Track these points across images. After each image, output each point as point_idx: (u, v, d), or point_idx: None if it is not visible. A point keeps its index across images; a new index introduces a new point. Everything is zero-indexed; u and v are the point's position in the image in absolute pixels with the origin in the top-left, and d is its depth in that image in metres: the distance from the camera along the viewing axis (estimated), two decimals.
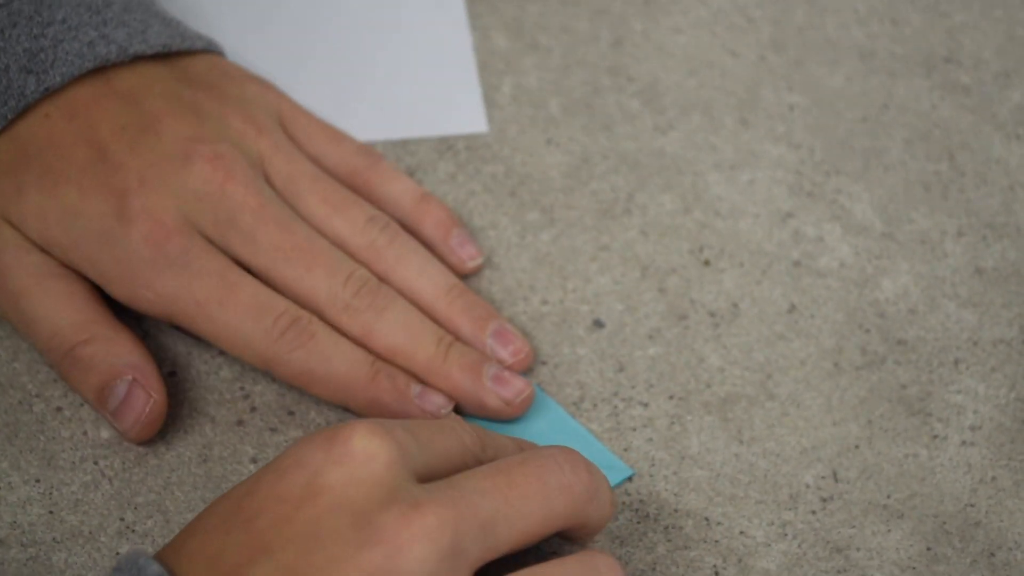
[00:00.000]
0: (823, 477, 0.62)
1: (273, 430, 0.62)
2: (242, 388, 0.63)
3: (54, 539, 0.59)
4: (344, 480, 0.51)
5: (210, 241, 0.62)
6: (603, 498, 0.55)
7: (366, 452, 0.51)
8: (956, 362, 0.65)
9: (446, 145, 0.71)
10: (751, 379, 0.65)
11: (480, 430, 0.56)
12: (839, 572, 0.59)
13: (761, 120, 0.73)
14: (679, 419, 0.63)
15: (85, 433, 0.62)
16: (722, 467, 0.62)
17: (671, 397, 0.64)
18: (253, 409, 0.63)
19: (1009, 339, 0.66)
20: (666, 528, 0.60)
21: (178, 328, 0.64)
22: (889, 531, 0.61)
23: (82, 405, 0.62)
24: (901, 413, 0.64)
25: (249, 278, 0.62)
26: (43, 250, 0.62)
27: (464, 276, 0.66)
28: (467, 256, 0.66)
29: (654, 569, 0.59)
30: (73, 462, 0.61)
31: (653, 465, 0.62)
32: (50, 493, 0.60)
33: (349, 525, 0.50)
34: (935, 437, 0.63)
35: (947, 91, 0.74)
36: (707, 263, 0.68)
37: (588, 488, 0.54)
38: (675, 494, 0.61)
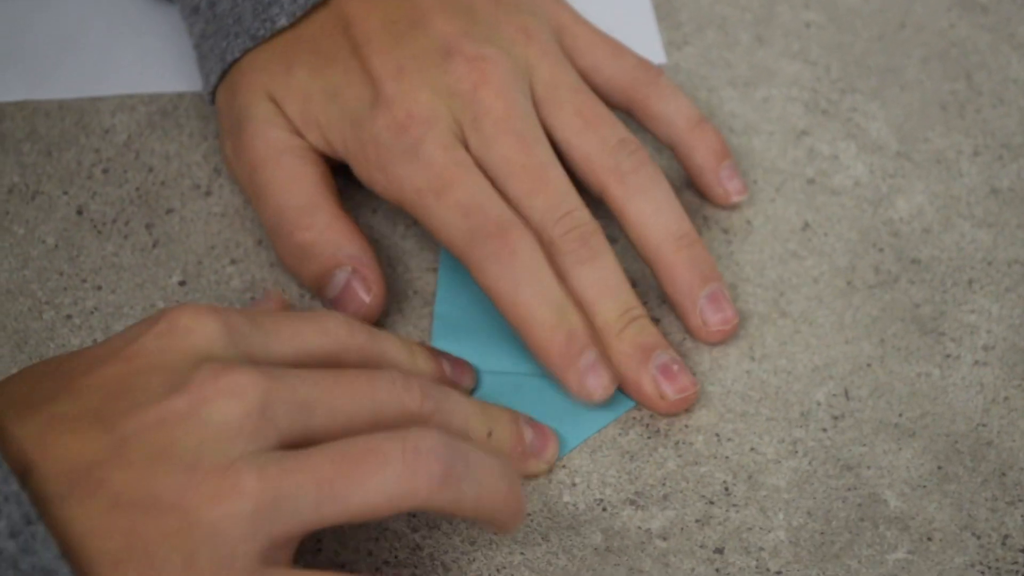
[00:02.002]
0: (834, 395, 0.62)
1: None
2: (253, 298, 0.63)
3: None
4: (160, 347, 0.51)
5: (458, 135, 0.61)
6: (456, 422, 0.55)
7: (187, 326, 0.51)
8: (970, 282, 0.65)
9: None
10: (764, 296, 0.64)
11: (366, 327, 0.56)
12: (849, 490, 0.59)
13: (777, 37, 0.72)
14: (691, 335, 0.63)
15: (94, 341, 0.62)
16: (733, 384, 0.62)
17: None
18: None
19: (1023, 260, 0.66)
20: (676, 444, 0.60)
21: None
22: (900, 450, 0.60)
23: (92, 313, 0.62)
24: (914, 332, 0.64)
25: (476, 176, 0.60)
26: (298, 132, 0.63)
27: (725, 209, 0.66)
28: (734, 190, 0.65)
29: (664, 484, 0.59)
30: None
31: None
32: None
33: (159, 380, 0.50)
34: (948, 356, 0.63)
35: (965, 10, 0.73)
36: None
37: (420, 406, 0.54)
38: (686, 410, 0.61)
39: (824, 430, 0.61)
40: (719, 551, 0.58)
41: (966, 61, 0.72)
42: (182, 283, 0.63)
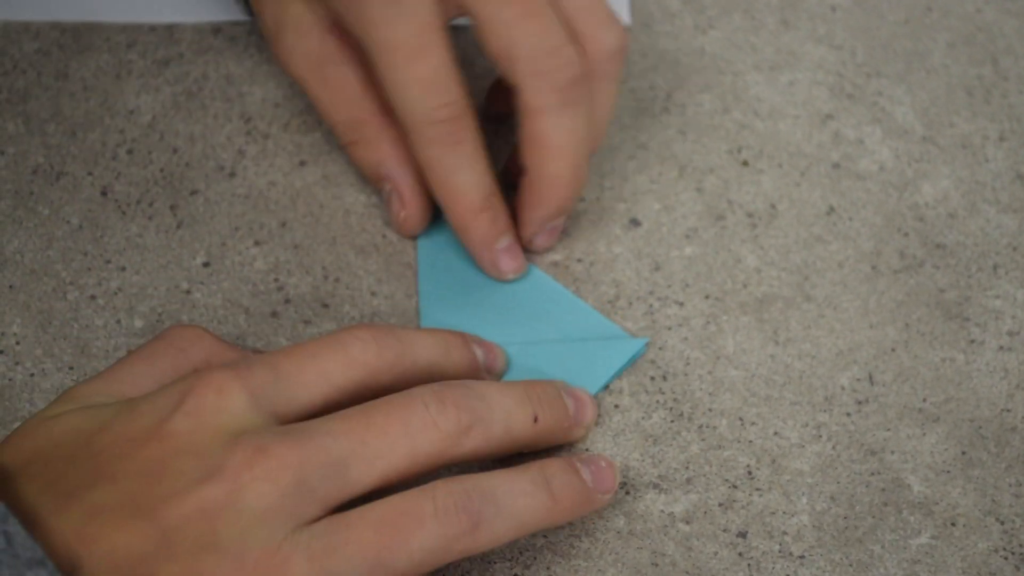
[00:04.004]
0: (859, 380, 0.62)
1: (307, 322, 0.62)
2: (276, 280, 0.63)
3: None
4: (191, 428, 0.50)
5: None
6: (497, 423, 0.55)
7: (216, 405, 0.51)
8: (995, 267, 0.65)
9: None
10: (788, 280, 0.64)
11: (395, 336, 0.55)
12: (873, 474, 0.59)
13: (803, 20, 0.72)
14: (715, 319, 0.63)
15: (118, 322, 0.62)
16: (757, 368, 0.62)
17: (707, 297, 0.63)
18: (287, 301, 0.63)
19: None
20: (700, 427, 0.60)
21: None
22: (924, 435, 0.60)
23: (116, 294, 0.62)
24: (939, 317, 0.63)
25: (444, 47, 0.59)
26: (325, 20, 0.62)
27: None
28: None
29: (687, 467, 0.59)
30: (107, 350, 0.61)
31: (688, 364, 0.62)
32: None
33: (193, 465, 0.50)
34: (972, 342, 0.63)
35: None
36: (745, 164, 0.67)
37: (458, 424, 0.53)
38: (710, 394, 0.61)
39: (848, 415, 0.61)
40: (742, 535, 0.58)
41: (992, 46, 0.72)
42: (206, 264, 0.63)
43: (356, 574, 0.50)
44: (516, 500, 0.53)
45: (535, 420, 0.56)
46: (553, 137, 0.60)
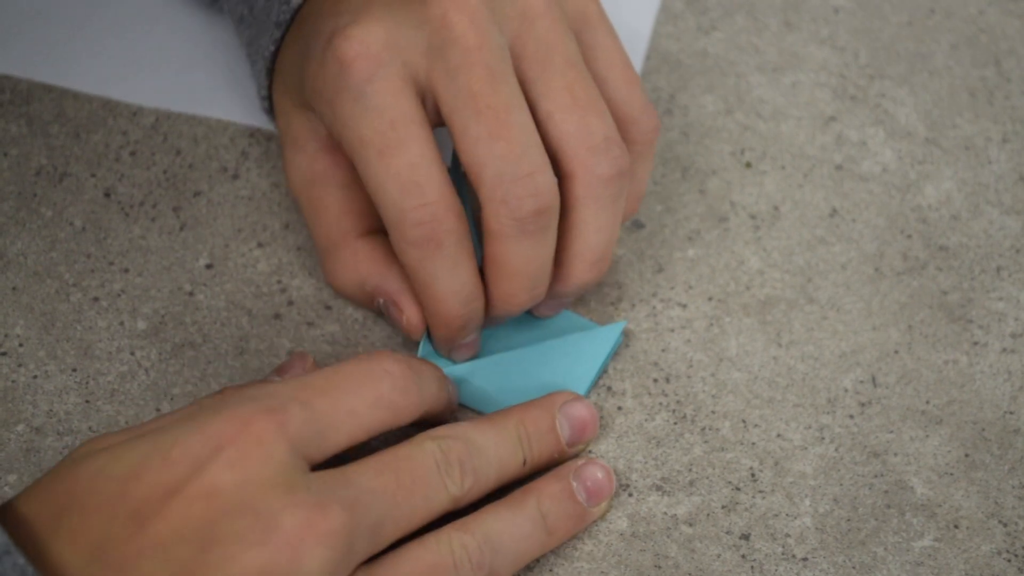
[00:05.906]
0: (862, 382, 0.62)
1: (310, 324, 0.62)
2: (279, 282, 0.63)
3: (90, 428, 0.59)
4: (238, 482, 0.49)
5: (416, 72, 0.56)
6: (491, 476, 0.55)
7: (258, 456, 0.49)
8: (998, 269, 0.65)
9: None
10: (791, 282, 0.64)
11: (413, 369, 0.55)
12: (876, 476, 0.59)
13: (806, 22, 0.72)
14: (718, 321, 0.63)
15: (122, 324, 0.62)
16: (760, 370, 0.62)
17: (710, 299, 0.63)
18: (290, 303, 0.63)
19: None
20: (703, 429, 0.60)
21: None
22: (927, 437, 0.60)
23: (119, 296, 0.62)
24: (942, 319, 0.63)
25: (422, 141, 0.56)
26: (323, 137, 0.60)
27: None
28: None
29: (690, 470, 0.59)
30: (110, 352, 0.61)
31: (691, 366, 0.62)
32: (87, 383, 0.60)
33: (247, 526, 0.48)
34: (975, 344, 0.63)
35: None
36: (748, 165, 0.67)
37: (461, 487, 0.54)
38: (713, 396, 0.61)
39: (851, 417, 0.61)
40: (745, 537, 0.58)
41: (995, 47, 0.72)
42: (209, 266, 0.63)
43: None
44: (518, 545, 0.55)
45: (524, 463, 0.57)
46: (510, 263, 0.57)
